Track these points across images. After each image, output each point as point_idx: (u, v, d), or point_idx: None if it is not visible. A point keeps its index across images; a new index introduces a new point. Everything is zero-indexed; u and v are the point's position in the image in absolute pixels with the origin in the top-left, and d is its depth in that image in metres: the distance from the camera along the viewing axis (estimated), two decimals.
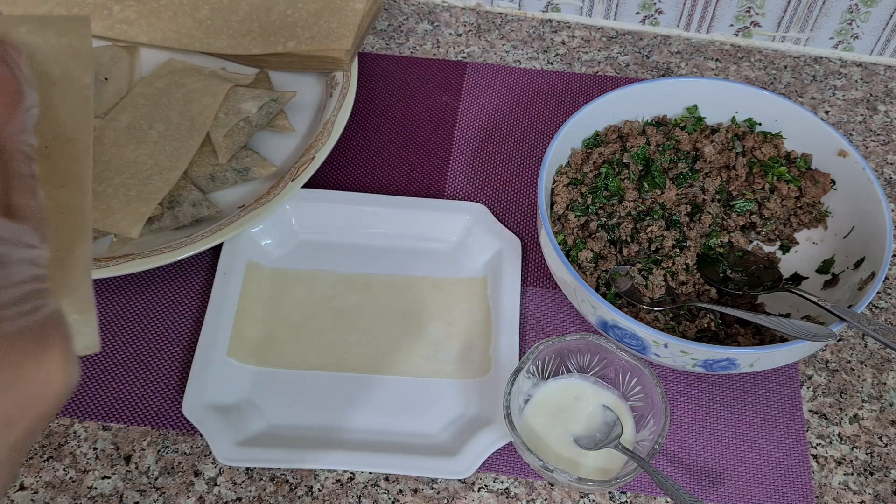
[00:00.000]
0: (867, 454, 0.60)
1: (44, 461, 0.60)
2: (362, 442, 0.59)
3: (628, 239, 0.64)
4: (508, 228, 0.70)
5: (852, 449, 0.61)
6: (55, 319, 0.29)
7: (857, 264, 0.61)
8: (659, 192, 0.66)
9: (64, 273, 0.33)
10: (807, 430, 0.61)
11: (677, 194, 0.66)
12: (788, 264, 0.66)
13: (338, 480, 0.59)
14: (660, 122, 0.70)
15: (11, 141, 0.30)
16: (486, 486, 0.59)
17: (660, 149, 0.68)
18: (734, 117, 0.70)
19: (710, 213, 0.65)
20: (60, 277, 0.33)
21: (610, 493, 0.59)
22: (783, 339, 0.59)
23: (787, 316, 0.62)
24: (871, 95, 0.81)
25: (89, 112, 0.34)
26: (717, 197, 0.67)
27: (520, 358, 0.62)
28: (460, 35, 0.86)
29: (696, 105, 0.70)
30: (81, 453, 0.60)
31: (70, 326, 0.30)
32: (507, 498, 0.58)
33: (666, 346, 0.54)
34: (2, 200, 0.29)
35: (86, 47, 0.33)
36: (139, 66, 0.77)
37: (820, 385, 0.64)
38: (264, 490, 0.58)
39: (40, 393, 0.28)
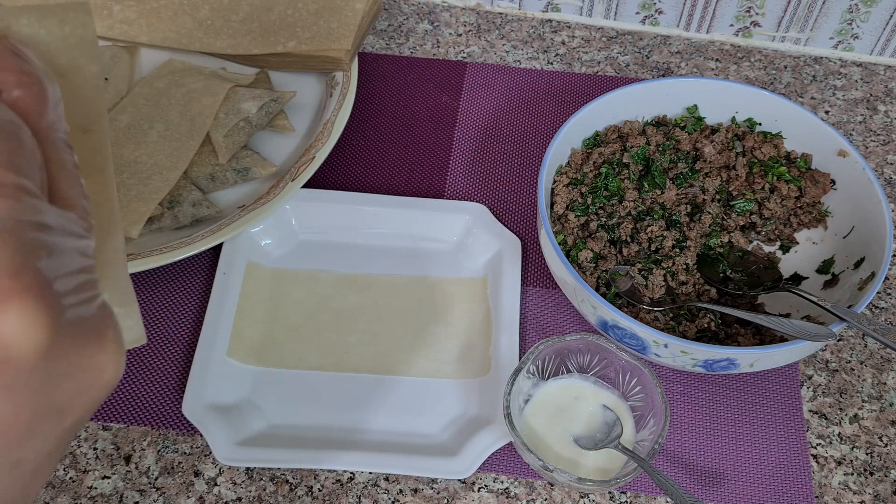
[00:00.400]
0: (867, 454, 0.60)
1: None
2: (362, 442, 0.59)
3: (628, 239, 0.64)
4: (508, 228, 0.70)
5: (852, 449, 0.61)
6: (107, 310, 0.29)
7: (857, 264, 0.61)
8: (659, 192, 0.66)
9: (99, 267, 0.33)
10: (807, 430, 0.61)
11: (677, 194, 0.66)
12: (788, 264, 0.66)
13: (338, 480, 0.59)
14: (660, 122, 0.70)
15: (52, 130, 0.30)
16: (486, 486, 0.59)
17: (660, 149, 0.68)
18: (734, 117, 0.70)
19: (710, 213, 0.65)
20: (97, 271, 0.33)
21: (610, 493, 0.59)
22: (783, 339, 0.59)
23: (787, 316, 0.62)
24: (871, 95, 0.81)
25: (102, 102, 0.33)
26: (717, 197, 0.67)
27: (520, 358, 0.62)
28: (460, 35, 0.86)
29: (696, 105, 0.70)
30: (81, 453, 0.60)
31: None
32: (507, 498, 0.58)
33: (666, 346, 0.54)
34: (48, 189, 0.29)
35: (89, 35, 0.32)
36: (139, 66, 0.77)
37: (820, 385, 0.64)
38: (264, 490, 0.58)
39: (93, 383, 0.28)
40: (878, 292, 0.68)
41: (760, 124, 0.69)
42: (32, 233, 0.26)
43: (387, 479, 0.59)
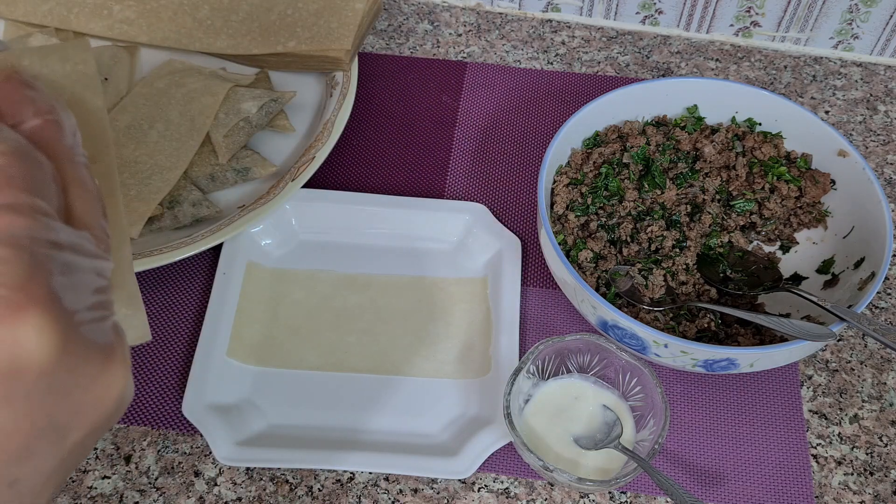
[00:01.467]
0: (867, 454, 0.60)
1: None
2: (362, 442, 0.59)
3: (628, 239, 0.64)
4: (508, 228, 0.70)
5: (852, 449, 0.61)
6: (118, 333, 0.29)
7: (857, 264, 0.61)
8: (659, 192, 0.66)
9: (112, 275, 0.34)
10: (807, 430, 0.61)
11: (677, 194, 0.66)
12: (788, 264, 0.66)
13: (338, 480, 0.59)
14: (660, 122, 0.70)
15: (72, 153, 0.30)
16: (486, 486, 0.59)
17: (660, 149, 0.68)
18: (734, 117, 0.70)
19: (710, 213, 0.65)
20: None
21: (610, 493, 0.59)
22: (783, 339, 0.59)
23: (787, 316, 0.62)
24: (871, 95, 0.81)
25: (107, 133, 0.35)
26: (717, 197, 0.67)
27: (520, 358, 0.62)
28: (460, 35, 0.86)
29: (696, 105, 0.70)
30: None
31: (122, 324, 0.31)
32: (507, 498, 0.58)
33: (666, 346, 0.54)
34: (63, 208, 0.29)
35: (90, 70, 0.33)
36: (139, 66, 0.77)
37: (820, 385, 0.64)
38: (264, 490, 0.58)
39: (95, 403, 0.28)
40: (878, 292, 0.68)
41: (760, 124, 0.69)
42: (45, 250, 0.26)
43: (387, 479, 0.59)
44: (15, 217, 0.26)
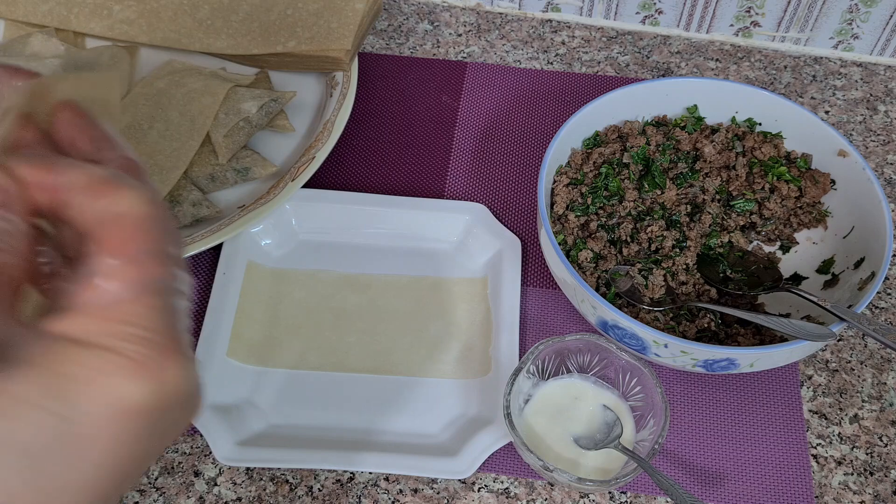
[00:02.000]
0: (867, 454, 0.60)
1: None
2: (362, 442, 0.59)
3: (628, 239, 0.64)
4: (508, 228, 0.70)
5: (852, 449, 0.61)
6: (199, 372, 0.31)
7: (857, 264, 0.61)
8: (659, 192, 0.66)
9: None
10: (807, 430, 0.61)
11: (677, 194, 0.66)
12: (788, 264, 0.66)
13: (338, 480, 0.59)
14: (660, 122, 0.70)
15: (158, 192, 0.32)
16: (486, 486, 0.59)
17: (660, 149, 0.68)
18: (734, 117, 0.70)
19: (710, 213, 0.65)
20: None
21: (610, 493, 0.59)
22: (783, 339, 0.59)
23: (787, 316, 0.62)
24: (871, 95, 0.81)
25: None
26: (717, 197, 0.67)
27: (520, 358, 0.62)
28: (460, 35, 0.86)
29: (696, 105, 0.70)
30: None
31: None
32: (507, 498, 0.58)
33: (666, 346, 0.54)
34: (175, 253, 0.30)
35: (114, 99, 0.35)
36: (139, 66, 0.77)
37: (820, 385, 0.64)
38: (264, 490, 0.58)
39: (177, 436, 0.31)
40: (878, 292, 0.68)
41: (760, 124, 0.69)
42: (177, 299, 0.29)
43: (387, 479, 0.59)
44: (162, 267, 0.28)
